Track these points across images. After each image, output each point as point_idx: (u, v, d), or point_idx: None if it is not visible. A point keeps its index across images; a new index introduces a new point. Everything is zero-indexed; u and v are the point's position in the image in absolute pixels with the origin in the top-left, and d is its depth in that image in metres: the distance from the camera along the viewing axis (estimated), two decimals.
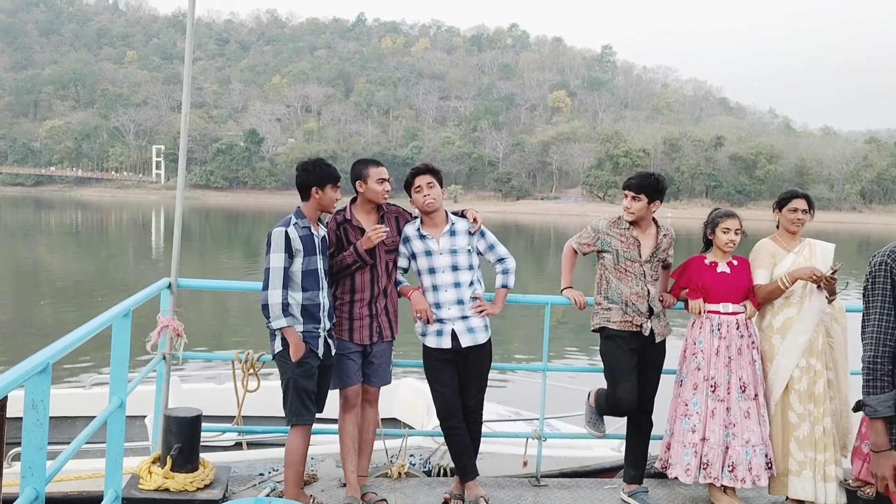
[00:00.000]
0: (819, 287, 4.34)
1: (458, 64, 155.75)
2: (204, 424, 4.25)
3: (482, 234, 4.44)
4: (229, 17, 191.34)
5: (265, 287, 3.99)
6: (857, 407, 2.92)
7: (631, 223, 4.49)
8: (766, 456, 4.29)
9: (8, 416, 2.48)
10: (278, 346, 4.05)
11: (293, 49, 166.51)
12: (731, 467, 4.26)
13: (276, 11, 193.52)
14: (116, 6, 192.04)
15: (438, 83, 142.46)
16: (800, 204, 4.50)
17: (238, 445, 5.78)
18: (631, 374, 4.40)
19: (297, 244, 4.03)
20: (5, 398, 2.28)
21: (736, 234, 4.49)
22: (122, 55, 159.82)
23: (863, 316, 2.90)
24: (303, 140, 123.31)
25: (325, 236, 4.23)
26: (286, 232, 4.02)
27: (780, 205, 4.56)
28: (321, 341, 4.11)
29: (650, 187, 4.44)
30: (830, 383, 4.43)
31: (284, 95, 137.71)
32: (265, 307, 3.98)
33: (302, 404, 4.04)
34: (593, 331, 4.59)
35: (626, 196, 4.47)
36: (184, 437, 3.98)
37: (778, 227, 4.60)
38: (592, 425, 4.74)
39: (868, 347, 2.84)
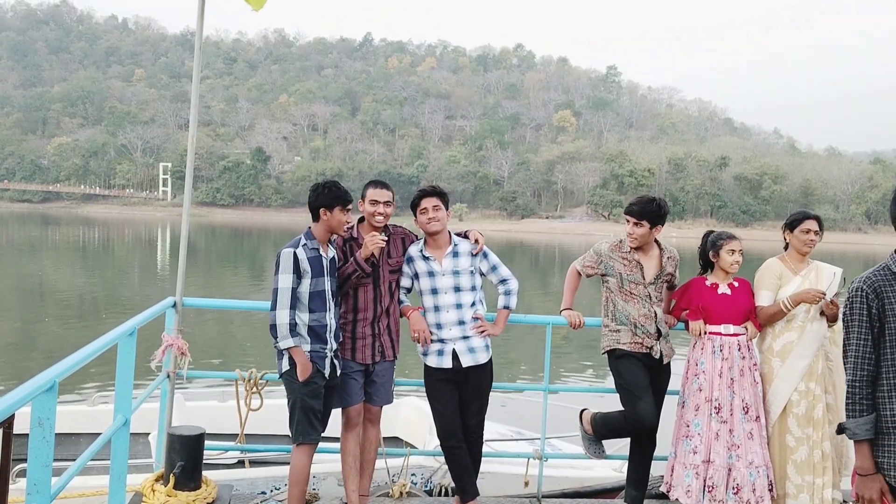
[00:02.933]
0: (822, 313, 4.35)
1: (464, 83, 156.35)
2: (207, 442, 4.27)
3: (485, 256, 4.48)
4: (237, 36, 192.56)
5: (273, 307, 4.04)
6: (840, 430, 2.96)
7: (635, 248, 4.52)
8: (768, 477, 4.29)
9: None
10: (286, 366, 4.08)
11: (300, 68, 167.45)
12: (735, 489, 4.25)
13: (283, 31, 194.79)
14: (126, 25, 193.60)
15: (444, 102, 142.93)
16: (812, 225, 4.48)
17: (240, 463, 5.80)
18: (648, 389, 4.41)
19: (306, 265, 4.08)
20: (12, 416, 2.31)
21: (740, 254, 4.53)
22: (130, 73, 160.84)
23: (844, 341, 2.95)
24: (309, 158, 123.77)
25: (334, 258, 4.27)
26: (294, 253, 4.07)
27: (792, 226, 4.53)
28: (328, 361, 4.15)
29: (652, 213, 4.47)
30: (830, 407, 4.42)
31: (291, 114, 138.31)
32: (273, 327, 4.02)
33: (309, 423, 4.07)
34: (603, 353, 4.61)
35: (629, 222, 4.51)
36: (187, 456, 4.01)
37: (787, 248, 4.59)
38: (592, 452, 4.71)
39: (849, 372, 2.88)
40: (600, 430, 4.61)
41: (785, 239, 4.60)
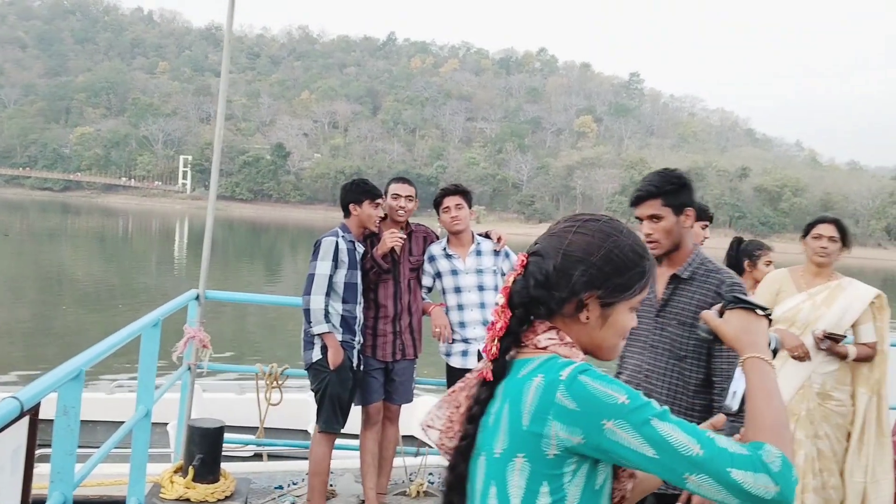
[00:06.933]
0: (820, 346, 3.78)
1: (486, 86, 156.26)
2: (225, 435, 4.26)
3: (507, 256, 4.46)
4: (261, 31, 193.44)
5: (307, 292, 4.04)
6: None
7: None
8: None
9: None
10: (317, 355, 4.07)
11: (323, 65, 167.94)
12: None
13: (307, 28, 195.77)
14: (151, 17, 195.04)
15: (465, 104, 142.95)
16: (824, 230, 3.91)
17: (257, 457, 5.80)
18: None
19: (344, 256, 4.11)
20: (38, 404, 2.30)
21: (773, 266, 4.47)
22: (154, 65, 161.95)
23: None
24: (329, 156, 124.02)
25: (364, 252, 4.30)
26: (336, 242, 4.10)
27: (806, 232, 4.04)
28: (356, 353, 4.17)
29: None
30: (822, 454, 3.78)
31: (312, 111, 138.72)
32: (307, 312, 4.02)
33: (334, 412, 4.08)
34: None
35: (706, 227, 4.30)
36: (206, 448, 4.00)
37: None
38: None
39: None
40: None
41: (803, 248, 4.07)
